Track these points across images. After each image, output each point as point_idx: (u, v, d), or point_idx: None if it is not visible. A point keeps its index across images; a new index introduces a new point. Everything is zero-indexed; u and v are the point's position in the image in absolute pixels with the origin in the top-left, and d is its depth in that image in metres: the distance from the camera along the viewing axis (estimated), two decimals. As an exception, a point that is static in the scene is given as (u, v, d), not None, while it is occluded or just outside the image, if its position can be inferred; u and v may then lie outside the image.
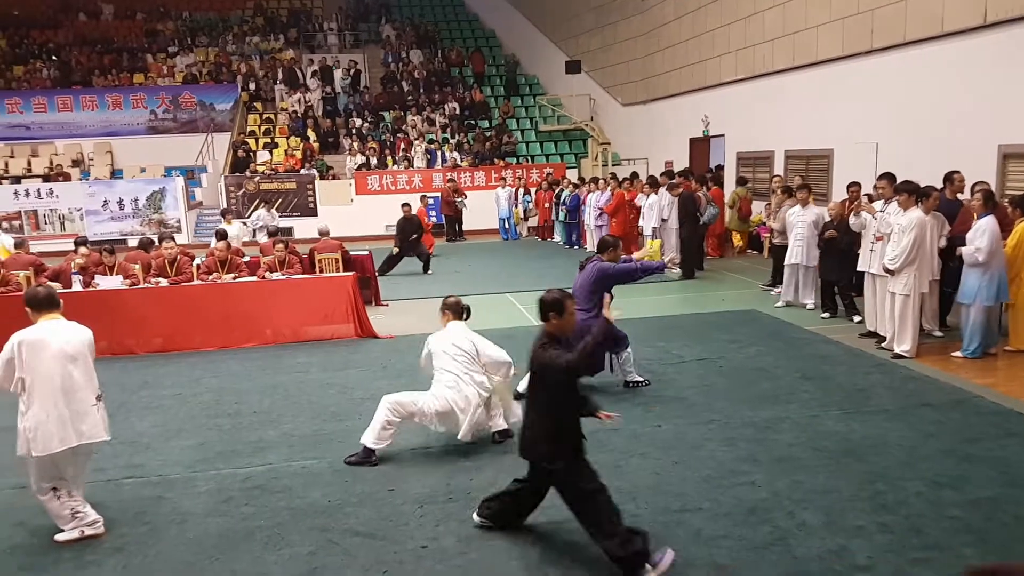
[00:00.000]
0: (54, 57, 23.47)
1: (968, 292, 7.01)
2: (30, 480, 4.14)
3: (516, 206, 18.61)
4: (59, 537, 4.12)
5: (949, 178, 8.17)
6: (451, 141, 21.54)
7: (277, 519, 4.33)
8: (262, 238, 14.14)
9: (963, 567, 3.58)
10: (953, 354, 7.15)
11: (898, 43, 10.77)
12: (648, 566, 3.56)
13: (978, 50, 9.46)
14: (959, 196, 8.17)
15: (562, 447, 3.76)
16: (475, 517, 4.20)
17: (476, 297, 11.13)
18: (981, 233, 6.85)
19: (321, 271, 10.23)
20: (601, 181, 15.40)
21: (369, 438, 5.04)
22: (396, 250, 13.45)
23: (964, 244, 7.05)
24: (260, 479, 4.89)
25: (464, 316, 5.39)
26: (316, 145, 20.94)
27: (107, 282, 8.73)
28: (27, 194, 18.46)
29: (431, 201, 18.18)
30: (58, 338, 4.08)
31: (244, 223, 15.24)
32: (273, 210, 16.27)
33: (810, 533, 3.98)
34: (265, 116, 22.56)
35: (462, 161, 20.64)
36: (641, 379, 6.55)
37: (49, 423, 3.97)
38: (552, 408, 3.79)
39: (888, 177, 7.83)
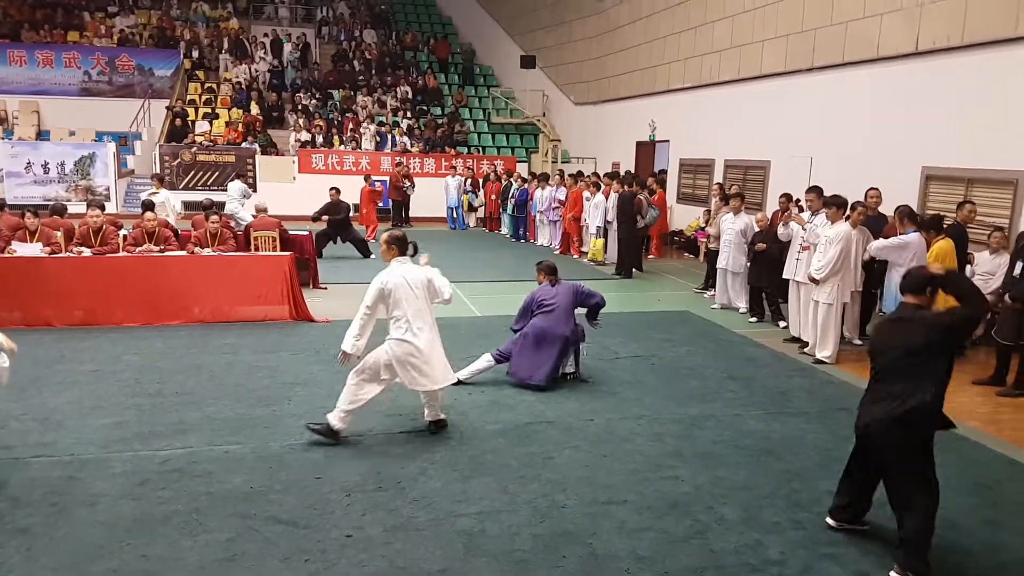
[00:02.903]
0: (-21, 7, 22.14)
1: (891, 301, 7.33)
2: None
3: (467, 194, 18.52)
4: None
5: (865, 195, 8.50)
6: (401, 125, 21.28)
7: (195, 504, 4.20)
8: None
9: (869, 564, 3.76)
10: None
11: (837, 63, 11.18)
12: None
13: (909, 75, 9.92)
14: (880, 211, 8.53)
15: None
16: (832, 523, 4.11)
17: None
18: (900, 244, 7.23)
19: (257, 249, 9.98)
20: (556, 177, 15.43)
21: (335, 421, 5.02)
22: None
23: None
24: (179, 462, 4.74)
25: (411, 252, 5.18)
26: (260, 119, 20.35)
27: (26, 249, 8.25)
28: (-58, 150, 17.30)
29: (379, 186, 17.94)
30: None
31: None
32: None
33: (728, 527, 4.11)
34: (207, 85, 21.80)
35: (412, 146, 20.41)
36: (572, 371, 6.68)
37: None
38: (947, 377, 3.73)
39: (816, 190, 8.13)
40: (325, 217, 13.26)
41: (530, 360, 6.33)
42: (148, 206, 9.68)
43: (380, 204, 16.81)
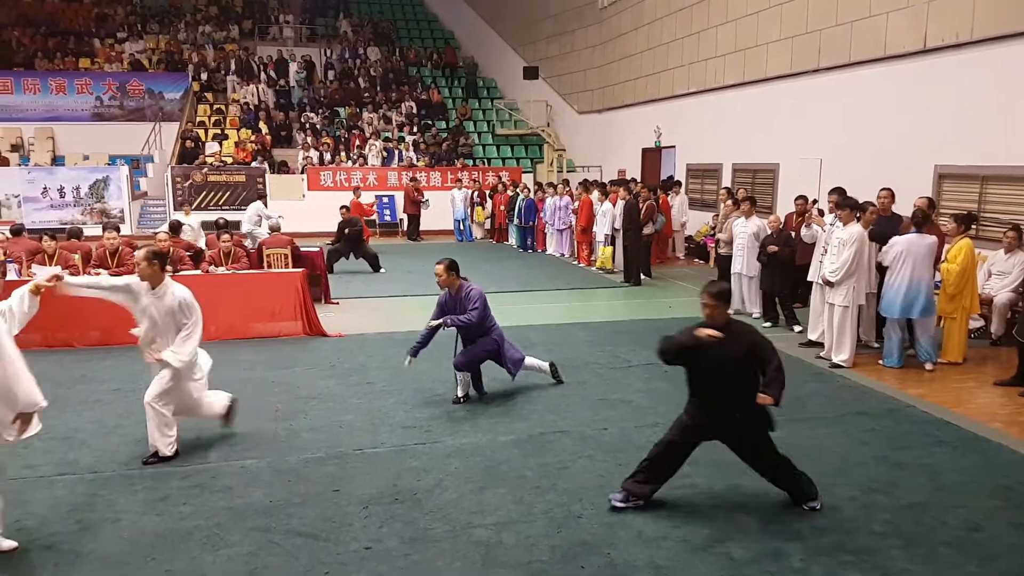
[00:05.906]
0: (-6, 37, 22.58)
1: (887, 304, 7.27)
2: None
3: (476, 206, 18.63)
4: None
5: (877, 196, 8.45)
6: (407, 140, 21.43)
7: (216, 519, 4.24)
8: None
9: (892, 570, 3.73)
10: (878, 361, 7.43)
11: (843, 63, 11.17)
12: None
13: (918, 73, 9.88)
14: (893, 211, 8.46)
15: None
16: (617, 504, 4.36)
17: (428, 297, 11.15)
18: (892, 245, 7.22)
19: (269, 266, 10.06)
20: (560, 187, 15.49)
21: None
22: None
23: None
24: (199, 478, 4.78)
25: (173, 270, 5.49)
26: (268, 138, 20.57)
27: (44, 272, 8.37)
28: (-40, 178, 17.64)
29: (384, 200, 18.15)
30: None
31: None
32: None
33: (747, 535, 4.08)
34: (216, 107, 22.06)
35: (418, 161, 20.55)
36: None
37: None
38: None
39: (838, 191, 8.08)
40: (346, 230, 13.47)
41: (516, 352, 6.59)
42: (174, 227, 9.85)
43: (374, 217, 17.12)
